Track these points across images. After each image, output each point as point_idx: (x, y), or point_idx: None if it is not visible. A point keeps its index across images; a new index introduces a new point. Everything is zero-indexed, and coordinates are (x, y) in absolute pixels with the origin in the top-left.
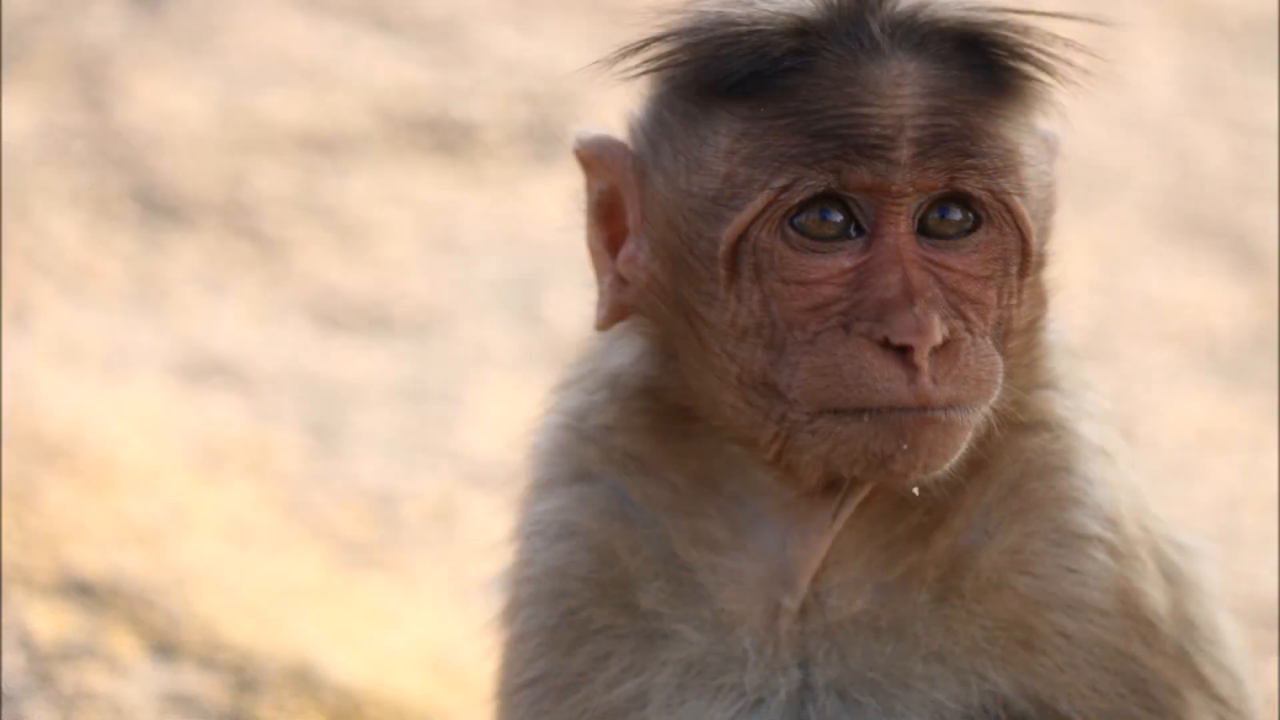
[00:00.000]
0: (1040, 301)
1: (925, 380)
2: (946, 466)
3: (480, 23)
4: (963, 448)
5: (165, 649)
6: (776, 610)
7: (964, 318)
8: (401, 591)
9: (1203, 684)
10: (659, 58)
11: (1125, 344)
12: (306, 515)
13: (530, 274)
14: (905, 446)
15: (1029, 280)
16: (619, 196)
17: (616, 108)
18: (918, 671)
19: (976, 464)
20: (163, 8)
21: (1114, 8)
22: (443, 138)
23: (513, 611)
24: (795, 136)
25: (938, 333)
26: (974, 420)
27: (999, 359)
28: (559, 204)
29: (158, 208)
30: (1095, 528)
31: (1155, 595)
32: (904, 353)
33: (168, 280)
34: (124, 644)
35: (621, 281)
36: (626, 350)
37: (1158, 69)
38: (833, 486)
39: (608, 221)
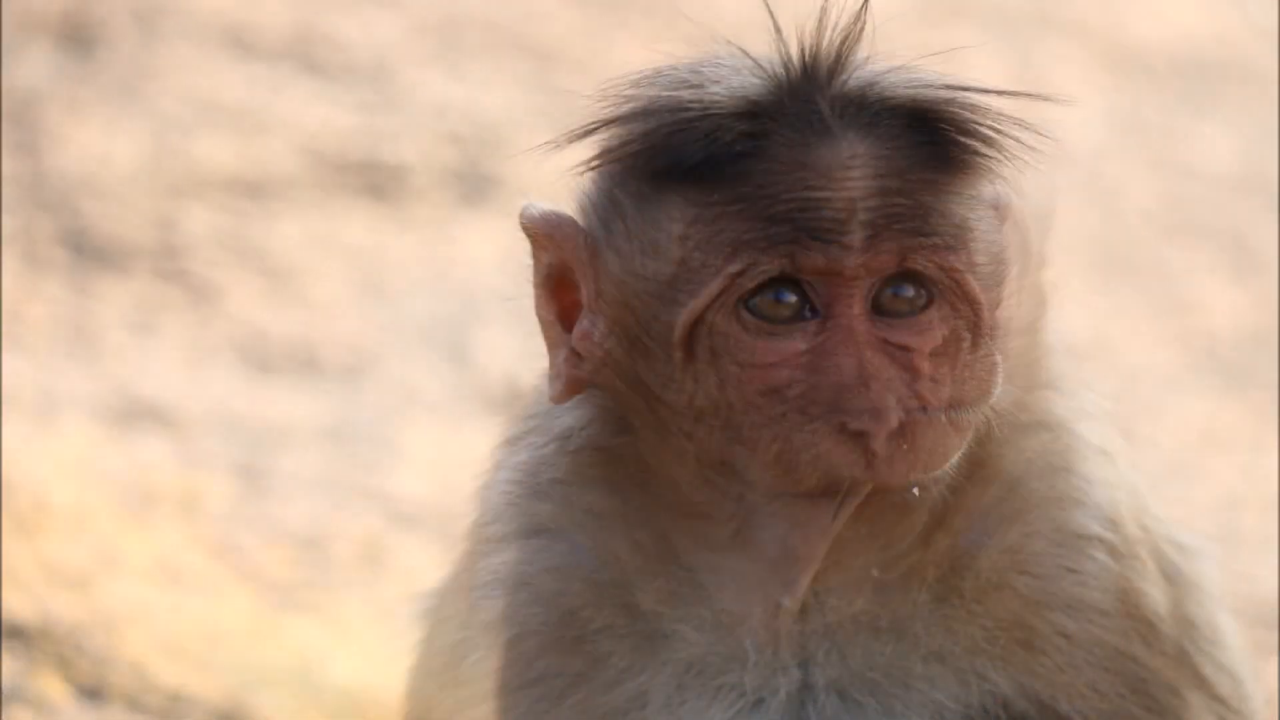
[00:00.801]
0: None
1: (882, 466)
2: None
3: (408, 66)
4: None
5: (93, 691)
6: (776, 610)
7: (919, 396)
8: (329, 633)
9: (1203, 684)
10: (610, 146)
11: None
12: (235, 557)
13: (459, 315)
14: (869, 469)
15: (981, 352)
16: (569, 270)
17: (544, 147)
18: (918, 671)
19: (976, 464)
20: (93, 53)
21: (1042, 49)
22: (371, 180)
23: (463, 652)
24: (749, 222)
25: (894, 417)
26: (938, 479)
27: (955, 435)
28: (487, 245)
29: (87, 251)
30: (1095, 528)
31: (1155, 595)
32: (861, 437)
33: (97, 324)
34: (52, 687)
35: (577, 356)
36: (575, 413)
37: (1084, 109)
38: (831, 489)
39: (558, 292)
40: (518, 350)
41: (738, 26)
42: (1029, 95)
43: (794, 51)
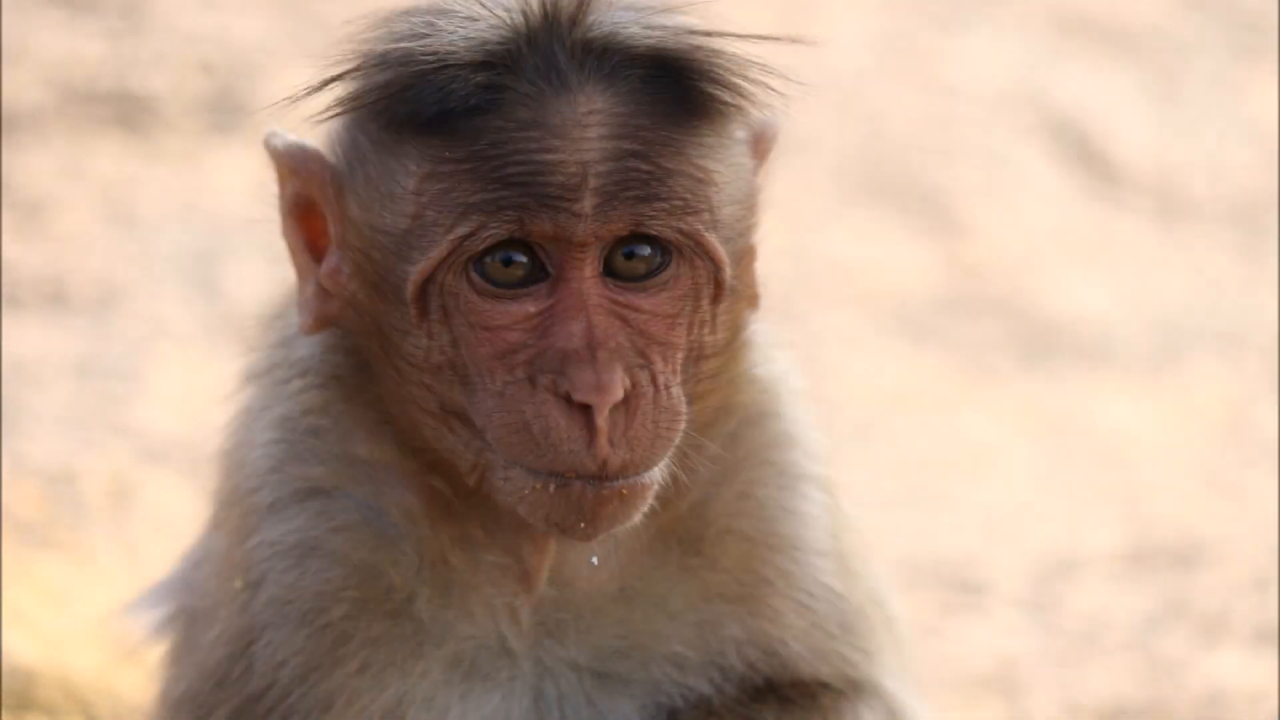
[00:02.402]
0: (752, 302)
1: (603, 443)
2: (632, 523)
3: None
4: (647, 505)
5: None
6: (529, 599)
7: (649, 362)
8: (77, 570)
9: (889, 622)
10: (348, 95)
11: (811, 307)
12: None
13: (209, 247)
14: (584, 524)
15: (723, 305)
16: (317, 203)
17: (297, 91)
18: (663, 630)
19: (698, 427)
20: None
21: None
22: (120, 110)
23: (249, 637)
24: (479, 183)
25: (619, 389)
26: (655, 476)
27: (681, 407)
28: (239, 175)
29: None
30: (811, 467)
31: (851, 530)
32: (585, 410)
33: None
34: None
35: (325, 293)
36: (321, 349)
37: (849, 30)
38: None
39: (305, 220)
40: (270, 281)
41: None
42: (778, 39)
43: None
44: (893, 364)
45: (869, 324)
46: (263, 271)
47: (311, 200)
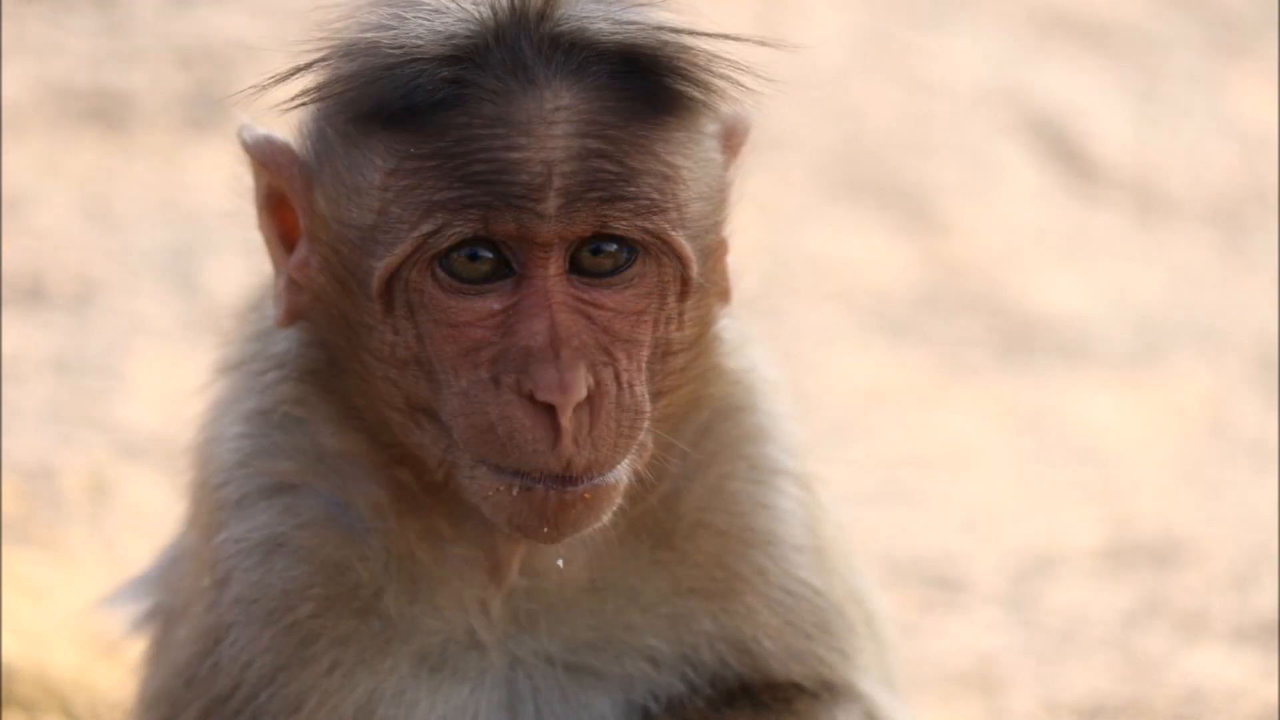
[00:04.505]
0: (723, 297)
1: (567, 443)
2: (598, 526)
3: None
4: (613, 507)
5: None
6: (500, 591)
7: (614, 360)
8: (56, 566)
9: (869, 619)
10: (315, 85)
11: (790, 304)
12: None
13: (187, 242)
14: (547, 529)
15: (690, 303)
16: (288, 196)
17: (270, 79)
18: (635, 622)
19: (666, 421)
20: None
21: None
22: (98, 107)
23: (216, 636)
24: (444, 180)
25: (582, 388)
26: (620, 476)
27: (644, 405)
28: (217, 171)
29: None
30: (787, 461)
31: (830, 525)
32: (550, 411)
33: None
34: None
35: (296, 285)
36: (293, 345)
37: (828, 27)
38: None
39: (279, 212)
40: (248, 276)
41: None
42: (749, 40)
43: None
44: (871, 361)
45: (848, 321)
46: (241, 267)
47: (283, 193)
